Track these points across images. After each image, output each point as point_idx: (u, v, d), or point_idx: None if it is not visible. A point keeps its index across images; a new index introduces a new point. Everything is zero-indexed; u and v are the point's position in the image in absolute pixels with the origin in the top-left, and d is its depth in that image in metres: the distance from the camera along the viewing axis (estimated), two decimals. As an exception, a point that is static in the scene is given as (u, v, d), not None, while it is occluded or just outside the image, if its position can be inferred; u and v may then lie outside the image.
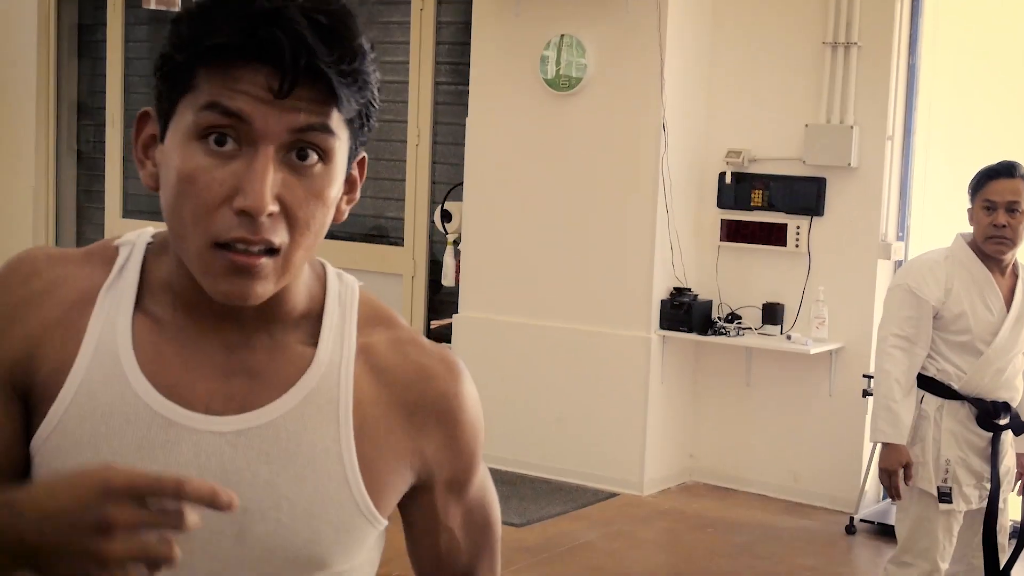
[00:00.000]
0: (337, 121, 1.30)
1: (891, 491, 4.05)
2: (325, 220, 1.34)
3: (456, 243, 7.72)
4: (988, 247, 4.01)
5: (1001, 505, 4.14)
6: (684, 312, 6.82)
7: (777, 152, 6.87)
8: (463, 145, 7.56)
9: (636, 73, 6.83)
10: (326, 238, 1.38)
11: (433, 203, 8.14)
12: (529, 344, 7.24)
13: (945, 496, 4.01)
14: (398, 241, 8.45)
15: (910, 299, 4.02)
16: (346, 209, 1.42)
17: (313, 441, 1.35)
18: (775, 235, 6.86)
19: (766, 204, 6.88)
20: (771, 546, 6.10)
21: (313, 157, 1.29)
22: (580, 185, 7.06)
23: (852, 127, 6.56)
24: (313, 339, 1.40)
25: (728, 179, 6.97)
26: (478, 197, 7.44)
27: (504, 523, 5.49)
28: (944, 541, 4.05)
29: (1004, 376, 4.03)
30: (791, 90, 6.82)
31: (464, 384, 1.50)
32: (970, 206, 4.07)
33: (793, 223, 6.80)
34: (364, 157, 1.42)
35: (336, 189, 1.34)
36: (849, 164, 6.57)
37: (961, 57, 6.66)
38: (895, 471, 3.99)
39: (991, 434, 4.03)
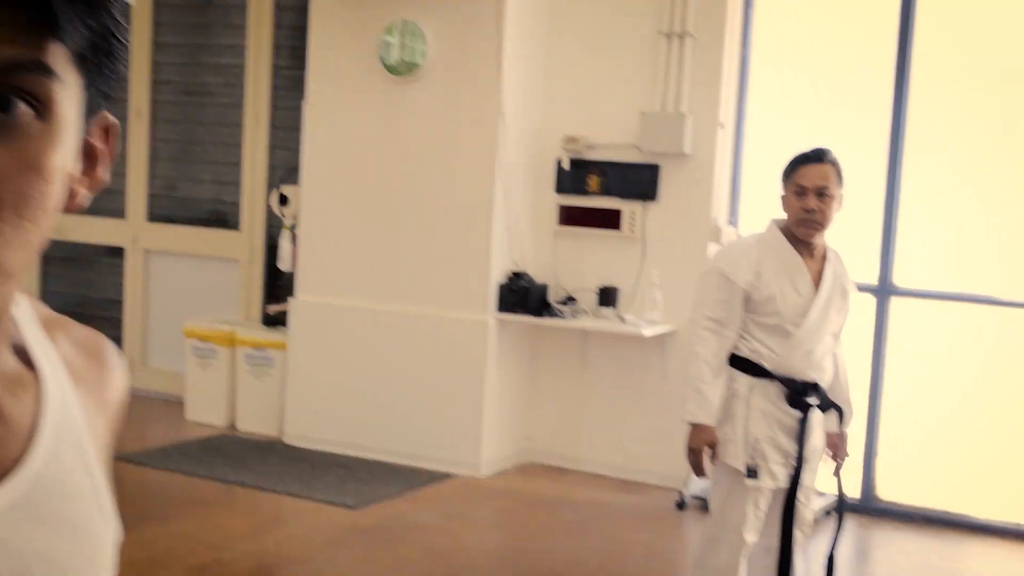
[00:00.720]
0: (58, 56, 0.90)
1: (696, 469, 4.12)
2: (47, 202, 0.92)
3: (293, 227, 7.65)
4: (799, 230, 4.10)
5: (807, 482, 4.23)
6: (521, 295, 6.88)
7: (613, 139, 6.98)
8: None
9: (475, 60, 6.87)
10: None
11: (270, 187, 8.06)
12: (367, 328, 7.22)
13: (752, 473, 4.09)
14: (235, 226, 8.34)
15: (722, 282, 4.10)
16: (85, 194, 0.99)
17: (74, 482, 1.02)
18: (611, 220, 6.97)
19: (602, 190, 6.98)
20: (605, 523, 6.19)
21: (21, 108, 0.88)
22: (418, 170, 7.06)
23: (685, 115, 6.70)
24: (18, 357, 1.02)
25: (565, 165, 7.06)
26: (315, 181, 7.38)
27: (339, 505, 5.47)
28: (751, 515, 4.14)
29: (814, 357, 4.12)
30: (627, 78, 6.94)
31: None
32: (782, 191, 4.17)
33: (628, 208, 6.92)
34: (113, 123, 1.01)
35: (63, 158, 0.93)
36: (682, 151, 6.72)
37: (790, 48, 6.86)
38: (700, 450, 4.07)
39: (800, 413, 4.12)
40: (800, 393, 4.11)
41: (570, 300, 7.01)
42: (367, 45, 7.09)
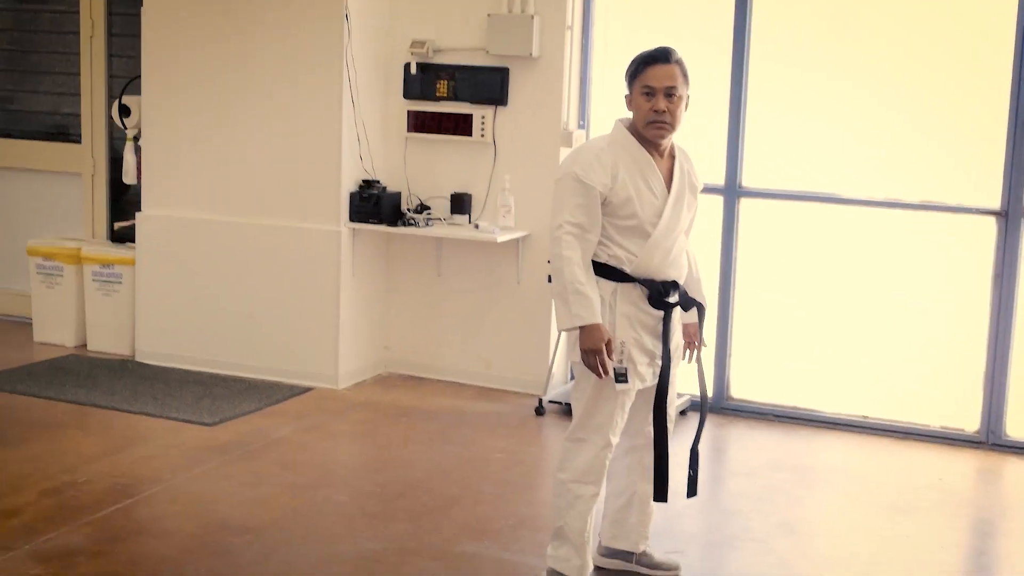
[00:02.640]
0: None
1: (599, 370, 4.06)
2: None
3: (136, 139, 7.42)
4: (649, 132, 4.08)
5: (671, 379, 4.31)
6: (373, 204, 6.80)
7: (461, 42, 6.88)
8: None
9: (318, -39, 6.68)
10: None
11: (111, 98, 7.79)
12: (217, 241, 7.07)
13: (621, 376, 4.11)
14: (76, 139, 8.06)
15: (579, 187, 4.05)
16: None
17: None
18: (461, 125, 6.89)
19: (451, 95, 6.89)
20: (464, 431, 6.22)
21: None
22: (263, 78, 6.88)
23: (533, 17, 6.63)
24: None
25: (413, 70, 6.94)
26: (157, 91, 7.15)
27: (195, 423, 5.37)
28: (617, 417, 4.19)
29: (671, 256, 4.15)
30: (474, -20, 6.82)
31: None
32: (628, 92, 4.14)
33: (478, 113, 6.85)
34: None
35: None
36: (531, 54, 6.65)
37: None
38: (600, 349, 4.03)
39: (662, 313, 4.16)
40: (661, 293, 4.13)
41: (423, 208, 6.95)
42: (205, -52, 6.84)
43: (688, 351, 4.48)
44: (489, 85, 6.81)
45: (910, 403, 6.43)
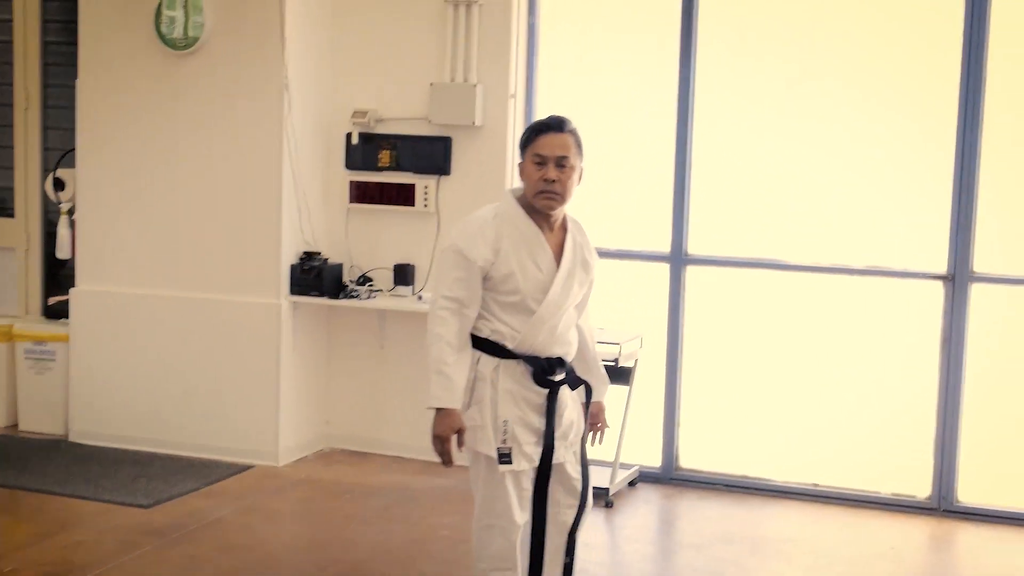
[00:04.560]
0: None
1: (443, 457, 3.92)
2: None
3: (71, 213, 7.26)
4: (539, 202, 3.95)
5: (571, 459, 4.12)
6: (315, 276, 6.67)
7: (403, 112, 6.80)
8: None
9: (257, 31, 6.60)
10: None
11: (46, 171, 7.63)
12: (154, 316, 6.90)
13: (505, 457, 3.95)
14: (9, 212, 7.87)
15: (459, 260, 3.92)
16: None
17: None
18: (404, 195, 6.80)
19: (394, 164, 6.81)
20: (409, 508, 6.06)
21: None
22: (202, 149, 6.76)
23: (476, 86, 6.57)
24: None
25: (355, 140, 6.85)
26: (92, 163, 7.01)
27: (130, 505, 5.13)
28: (516, 497, 4.02)
29: (557, 332, 4.00)
30: (415, 49, 6.76)
31: None
32: (520, 160, 4.02)
33: (421, 183, 6.76)
34: None
35: None
36: (474, 122, 6.59)
37: (578, 14, 6.77)
38: (448, 437, 3.89)
39: (547, 391, 4.00)
40: (545, 370, 3.98)
41: (365, 279, 6.83)
42: (142, 16, 6.74)
43: (593, 433, 4.33)
44: (432, 155, 6.73)
45: (861, 470, 6.35)
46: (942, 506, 6.19)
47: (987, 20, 5.98)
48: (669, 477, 6.60)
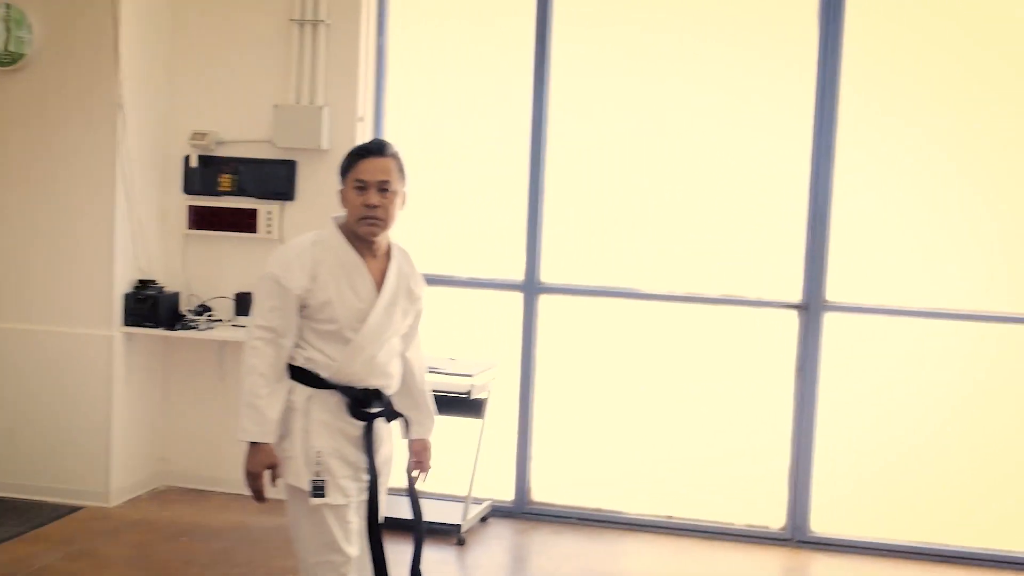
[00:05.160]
0: None
1: (256, 494, 3.78)
2: None
3: None
4: (361, 228, 3.83)
5: (383, 497, 3.96)
6: (150, 306, 6.34)
7: (246, 134, 6.53)
8: None
9: (88, 48, 6.26)
10: None
11: None
12: (-26, 348, 6.47)
13: (318, 490, 3.78)
14: None
15: (275, 288, 3.78)
16: None
17: None
18: (246, 221, 6.52)
19: (236, 189, 6.53)
20: (250, 550, 5.75)
21: None
22: (29, 171, 6.38)
23: (322, 108, 6.34)
24: None
25: (194, 162, 6.55)
26: (-94, 184, 6.55)
27: None
28: (341, 530, 3.83)
29: (376, 363, 3.86)
30: (258, 69, 6.51)
31: None
32: (342, 186, 3.90)
33: (264, 208, 6.49)
34: None
35: None
36: (320, 146, 6.35)
37: (428, 36, 6.61)
38: (259, 473, 3.74)
39: (364, 423, 3.86)
40: (361, 402, 3.84)
41: (204, 309, 6.51)
42: (-38, 32, 6.34)
43: (416, 472, 4.18)
44: (276, 179, 6.46)
45: (716, 501, 6.28)
46: (796, 537, 6.15)
47: (840, 47, 6.01)
48: (522, 511, 6.44)
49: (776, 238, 6.19)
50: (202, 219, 6.59)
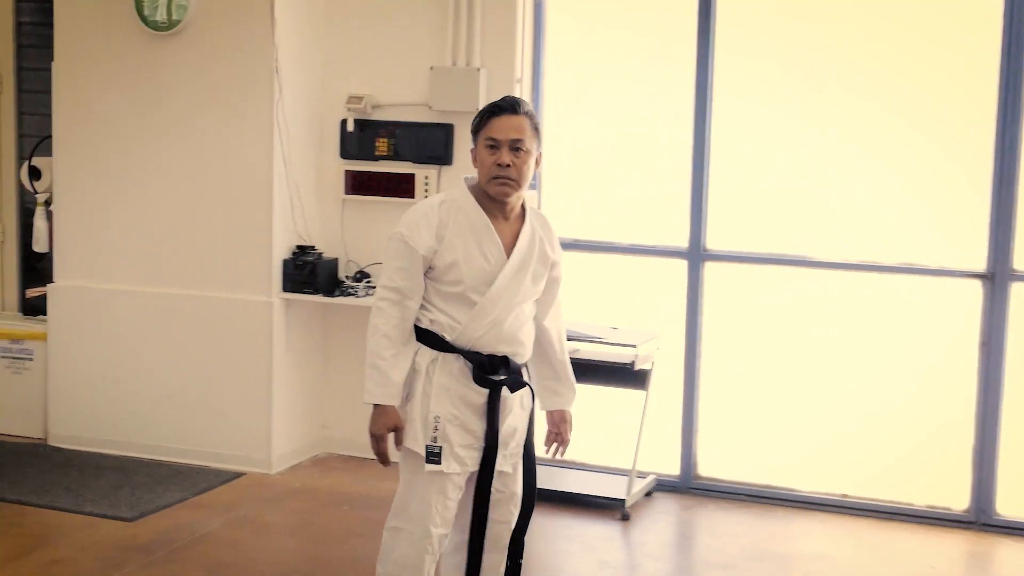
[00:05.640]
0: None
1: (380, 457, 3.75)
2: None
3: (48, 203, 6.85)
4: (492, 188, 3.71)
5: (508, 470, 3.86)
6: (308, 272, 6.29)
7: (402, 97, 6.41)
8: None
9: (244, 11, 6.21)
10: None
11: (21, 159, 7.23)
12: (138, 314, 6.51)
13: (433, 456, 3.72)
14: (-16, 202, 7.47)
15: (403, 249, 3.73)
16: None
17: None
18: (403, 186, 6.41)
19: (392, 153, 6.42)
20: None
21: None
22: (187, 136, 6.36)
23: (479, 70, 6.18)
24: None
25: (350, 127, 6.46)
26: (70, 151, 6.60)
27: (113, 518, 4.69)
28: (437, 505, 3.77)
29: (503, 329, 3.75)
30: (415, 31, 6.37)
31: None
32: (473, 146, 3.79)
33: (421, 173, 6.37)
34: None
35: None
36: (477, 109, 6.18)
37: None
38: (383, 435, 3.71)
39: (488, 390, 3.76)
40: (485, 368, 3.73)
41: (363, 275, 6.44)
42: (122, -3, 6.34)
43: (555, 445, 4.06)
44: (432, 143, 6.33)
45: (893, 481, 5.98)
46: (980, 519, 5.83)
47: (1029, 5, 5.62)
48: (688, 486, 6.23)
49: (958, 203, 5.83)
50: (359, 184, 6.50)
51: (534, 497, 3.94)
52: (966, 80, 5.77)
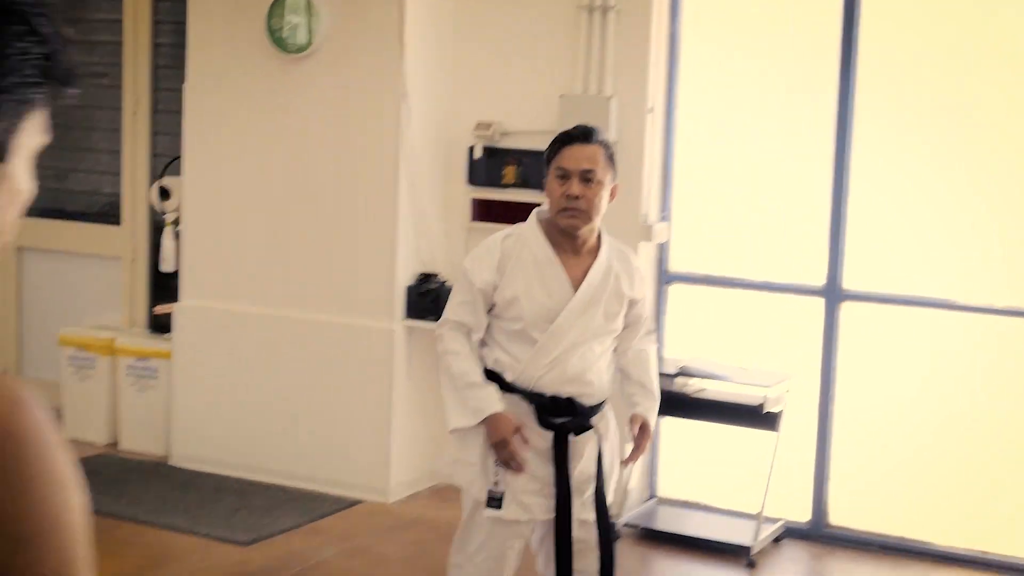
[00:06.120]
0: None
1: (513, 464, 3.56)
2: None
3: (176, 223, 6.89)
4: (561, 221, 3.60)
5: (588, 518, 3.67)
6: (432, 299, 6.20)
7: (530, 125, 6.29)
8: (184, 113, 6.73)
9: (374, 36, 6.17)
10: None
11: (154, 178, 7.28)
12: (260, 336, 6.49)
13: (494, 502, 3.58)
14: (116, 220, 7.54)
15: (464, 283, 3.66)
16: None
17: None
18: (529, 215, 6.27)
19: (520, 181, 6.31)
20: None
21: None
22: (314, 159, 6.34)
23: (610, 98, 6.04)
24: None
25: (478, 154, 6.37)
26: (199, 172, 6.63)
27: (229, 541, 4.63)
28: (495, 550, 3.65)
29: (567, 368, 3.58)
30: (545, 57, 6.26)
31: None
32: (545, 175, 3.68)
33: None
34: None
35: None
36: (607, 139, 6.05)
37: (725, 21, 6.20)
38: (507, 440, 3.53)
39: (552, 433, 3.60)
40: (548, 410, 3.57)
41: (486, 304, 6.33)
42: (254, 18, 6.34)
43: (633, 452, 3.76)
44: (561, 171, 6.20)
45: (1037, 537, 5.66)
46: None
47: None
48: (818, 534, 5.96)
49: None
50: (485, 211, 6.41)
51: (613, 548, 3.73)
52: None
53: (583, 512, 3.67)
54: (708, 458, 6.20)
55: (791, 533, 5.95)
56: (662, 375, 5.74)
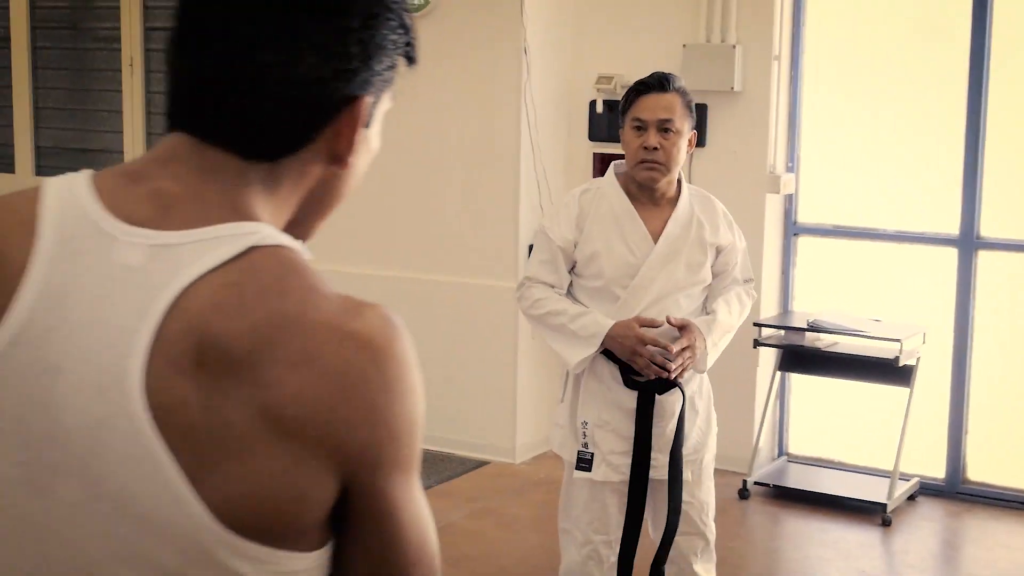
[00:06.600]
0: None
1: (655, 365, 3.40)
2: None
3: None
4: (639, 173, 3.47)
5: (687, 476, 3.61)
6: (555, 258, 6.14)
7: (653, 77, 6.18)
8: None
9: (493, -10, 6.09)
10: None
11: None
12: (381, 297, 6.35)
13: (584, 463, 3.53)
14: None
15: (544, 241, 3.57)
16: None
17: None
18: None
19: (642, 135, 6.20)
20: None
21: None
22: (433, 118, 6.31)
23: (735, 47, 5.90)
24: None
25: (600, 108, 6.27)
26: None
27: None
28: (596, 512, 3.59)
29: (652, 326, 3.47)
30: (667, 7, 6.14)
31: None
32: (621, 127, 3.54)
33: (672, 155, 6.13)
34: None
35: None
36: (732, 88, 5.92)
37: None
38: (636, 345, 3.39)
39: (636, 393, 3.50)
40: (631, 370, 3.48)
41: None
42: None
43: (683, 360, 3.52)
44: (684, 124, 6.09)
45: None
46: None
47: None
48: (955, 491, 5.80)
49: None
50: (607, 166, 6.29)
51: (678, 520, 3.60)
52: None
53: (662, 471, 3.60)
54: (839, 413, 6.06)
55: (927, 490, 5.80)
56: (791, 329, 5.67)
